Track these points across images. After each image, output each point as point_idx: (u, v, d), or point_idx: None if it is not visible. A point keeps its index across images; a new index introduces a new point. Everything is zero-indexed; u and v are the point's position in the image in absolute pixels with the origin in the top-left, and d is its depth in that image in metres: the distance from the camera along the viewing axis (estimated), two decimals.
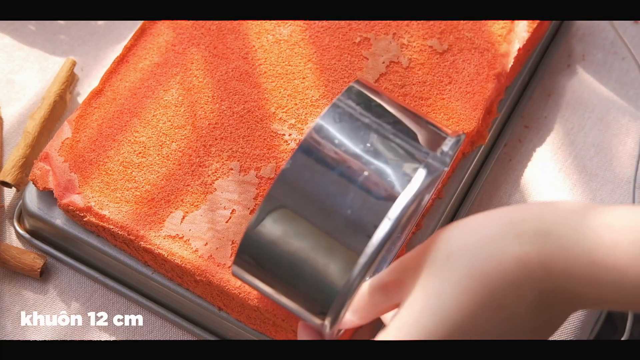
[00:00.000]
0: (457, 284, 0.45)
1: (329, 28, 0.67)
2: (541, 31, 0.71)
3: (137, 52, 0.68)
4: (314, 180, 0.48)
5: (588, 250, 0.43)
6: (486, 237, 0.45)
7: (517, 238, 0.44)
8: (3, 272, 0.66)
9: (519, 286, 0.44)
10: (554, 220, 0.44)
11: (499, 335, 0.45)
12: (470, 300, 0.44)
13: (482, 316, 0.45)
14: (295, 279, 0.49)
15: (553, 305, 0.45)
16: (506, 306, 0.44)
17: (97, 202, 0.62)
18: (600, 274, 0.43)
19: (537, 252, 0.44)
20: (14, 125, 0.71)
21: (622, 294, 0.43)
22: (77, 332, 0.65)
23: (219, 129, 0.64)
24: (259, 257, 0.50)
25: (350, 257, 0.47)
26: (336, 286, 0.48)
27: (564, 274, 0.44)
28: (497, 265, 0.44)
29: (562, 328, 0.65)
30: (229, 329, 0.62)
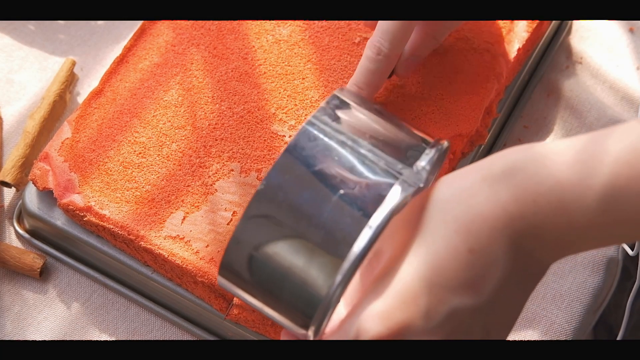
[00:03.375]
0: (432, 234, 0.46)
1: (328, 28, 0.67)
2: (541, 31, 0.71)
3: (137, 52, 0.68)
4: (287, 201, 0.48)
5: (552, 174, 0.44)
6: (459, 189, 0.46)
7: (485, 181, 0.45)
8: (3, 272, 0.66)
9: (492, 226, 0.45)
10: (517, 157, 0.45)
11: (482, 286, 0.45)
12: (445, 245, 0.45)
13: (457, 261, 0.45)
14: (278, 291, 0.49)
15: (527, 248, 0.45)
16: (480, 249, 0.45)
17: (97, 202, 0.62)
18: (564, 195, 0.44)
19: (506, 189, 0.45)
20: (14, 125, 0.71)
21: (588, 213, 0.43)
22: (77, 332, 0.65)
23: (219, 130, 0.64)
24: (242, 270, 0.50)
25: (329, 272, 0.47)
26: (317, 298, 0.48)
27: (532, 203, 0.44)
28: (469, 209, 0.45)
29: (562, 328, 0.65)
30: (229, 329, 0.62)
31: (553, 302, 0.66)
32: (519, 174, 0.45)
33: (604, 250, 0.68)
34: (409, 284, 0.45)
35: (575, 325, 0.66)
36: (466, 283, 0.45)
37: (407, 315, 0.45)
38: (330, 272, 0.47)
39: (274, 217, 0.48)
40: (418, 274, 0.45)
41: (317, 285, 0.48)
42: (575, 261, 0.67)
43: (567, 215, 0.44)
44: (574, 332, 0.66)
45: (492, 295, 0.45)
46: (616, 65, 0.75)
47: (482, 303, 0.45)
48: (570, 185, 0.44)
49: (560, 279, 0.67)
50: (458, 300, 0.45)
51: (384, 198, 0.47)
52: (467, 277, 0.45)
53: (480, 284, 0.45)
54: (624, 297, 0.72)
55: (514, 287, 0.46)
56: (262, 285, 0.49)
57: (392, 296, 0.46)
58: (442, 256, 0.45)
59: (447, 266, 0.45)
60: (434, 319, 0.45)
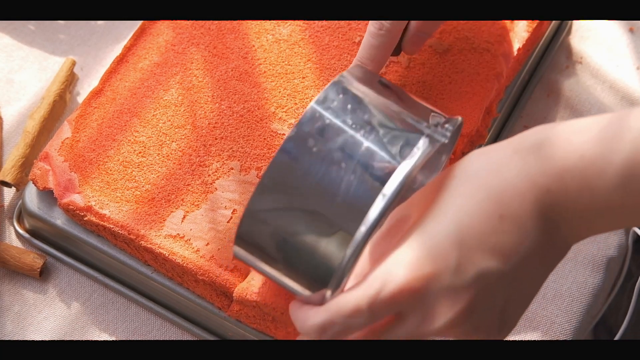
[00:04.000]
0: (465, 196, 0.47)
1: (328, 28, 0.68)
2: (541, 31, 0.71)
3: (137, 52, 0.68)
4: (312, 155, 0.49)
5: (576, 149, 0.46)
6: (490, 159, 0.48)
7: (518, 153, 0.47)
8: (3, 272, 0.66)
9: (522, 197, 0.46)
10: (547, 132, 0.47)
11: (511, 253, 0.47)
12: (477, 208, 0.47)
13: (488, 225, 0.46)
14: (294, 257, 0.50)
15: (554, 223, 0.47)
16: (510, 216, 0.46)
17: (98, 202, 0.62)
18: (586, 169, 0.45)
19: (535, 162, 0.47)
20: (14, 125, 0.71)
21: (609, 191, 0.45)
22: (77, 332, 0.65)
23: (219, 129, 0.64)
24: (258, 238, 0.50)
25: (350, 227, 0.48)
26: (335, 261, 0.48)
27: (559, 177, 0.46)
28: (502, 178, 0.47)
29: (562, 328, 0.65)
30: (229, 329, 0.63)
31: (553, 302, 0.66)
32: (547, 148, 0.47)
33: (604, 250, 0.68)
34: (439, 240, 0.47)
35: (575, 325, 0.66)
36: (496, 247, 0.46)
37: (436, 267, 0.46)
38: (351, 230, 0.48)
39: (289, 185, 0.49)
40: (448, 232, 0.47)
41: (336, 247, 0.48)
42: (576, 261, 0.67)
43: (590, 190, 0.45)
44: (574, 332, 0.66)
45: (519, 265, 0.47)
46: (616, 65, 0.75)
47: (508, 270, 0.47)
48: (592, 160, 0.45)
49: (560, 279, 0.67)
50: (487, 263, 0.46)
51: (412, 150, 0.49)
52: (498, 241, 0.46)
53: (509, 251, 0.46)
54: (624, 297, 0.72)
55: (539, 260, 0.47)
56: (280, 250, 0.50)
57: (421, 249, 0.47)
58: (473, 218, 0.47)
59: (478, 228, 0.46)
60: (462, 277, 0.46)
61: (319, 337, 0.50)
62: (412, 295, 0.47)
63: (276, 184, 0.49)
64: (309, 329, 0.50)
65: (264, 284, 0.59)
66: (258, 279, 0.59)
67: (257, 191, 0.49)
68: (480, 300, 0.47)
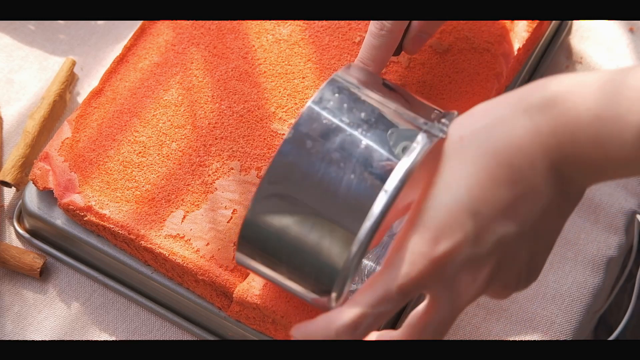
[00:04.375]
0: (473, 163, 0.46)
1: (328, 28, 0.68)
2: (541, 31, 0.71)
3: (137, 52, 0.68)
4: (311, 155, 0.49)
5: (590, 108, 0.45)
6: (497, 118, 0.47)
7: (525, 112, 0.46)
8: (3, 271, 0.66)
9: (532, 158, 0.46)
10: (558, 88, 0.46)
11: (526, 215, 0.47)
12: (488, 176, 0.46)
13: (501, 192, 0.46)
14: (298, 260, 0.50)
15: (566, 174, 0.46)
16: (522, 180, 0.46)
17: (98, 202, 0.62)
18: (602, 129, 0.44)
19: (545, 122, 0.46)
20: (14, 125, 0.71)
21: (625, 148, 0.44)
22: (77, 332, 0.65)
23: (219, 129, 0.64)
24: (260, 243, 0.50)
25: (353, 226, 0.48)
26: (339, 261, 0.48)
27: (571, 135, 0.45)
28: (510, 141, 0.46)
29: (562, 328, 0.65)
30: (229, 329, 0.62)
31: (553, 302, 0.66)
32: (557, 106, 0.46)
33: (604, 250, 0.68)
34: (454, 213, 0.46)
35: (575, 325, 0.66)
36: (511, 212, 0.46)
37: (456, 240, 0.46)
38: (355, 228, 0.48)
39: (289, 187, 0.49)
40: (462, 203, 0.46)
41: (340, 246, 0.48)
42: (576, 261, 0.67)
43: (604, 148, 0.45)
44: (574, 332, 0.66)
45: (536, 222, 0.47)
46: (616, 65, 0.75)
47: (527, 231, 0.47)
48: (608, 120, 0.44)
49: (560, 279, 0.67)
50: (504, 229, 0.46)
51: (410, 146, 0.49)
52: (512, 206, 0.46)
53: (525, 214, 0.46)
54: (624, 297, 0.72)
55: (555, 213, 0.48)
56: (283, 254, 0.50)
57: (438, 224, 0.46)
58: (485, 187, 0.46)
59: (491, 197, 0.46)
60: (482, 246, 0.46)
61: (352, 336, 0.48)
62: (436, 271, 0.46)
63: (276, 187, 0.49)
64: (340, 330, 0.48)
65: (264, 286, 0.59)
66: (259, 280, 0.59)
67: (256, 196, 0.49)
68: (503, 263, 0.47)
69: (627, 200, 0.70)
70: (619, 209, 0.69)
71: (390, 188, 0.48)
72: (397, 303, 0.47)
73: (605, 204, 0.70)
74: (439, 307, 0.48)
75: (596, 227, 0.69)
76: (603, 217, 0.69)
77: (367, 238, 0.48)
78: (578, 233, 0.68)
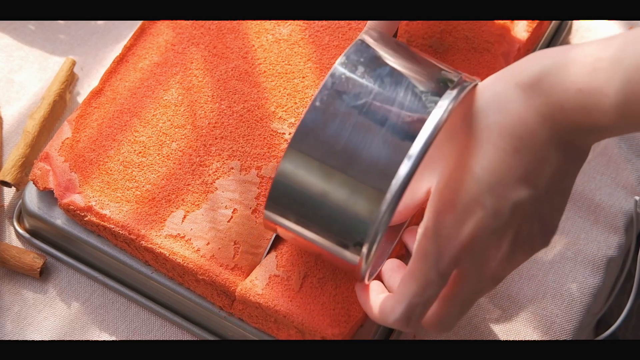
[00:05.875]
0: (479, 140, 0.50)
1: (328, 27, 0.68)
2: (541, 31, 0.71)
3: (137, 52, 0.68)
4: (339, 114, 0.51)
5: (574, 81, 0.48)
6: (494, 94, 0.50)
7: (518, 87, 0.50)
8: (3, 271, 0.66)
9: (531, 128, 0.49)
10: (545, 63, 0.49)
11: (537, 179, 0.49)
12: (494, 149, 0.49)
13: (509, 162, 0.49)
14: (328, 216, 0.52)
15: (567, 139, 0.49)
16: (525, 148, 0.49)
17: (98, 202, 0.62)
18: (585, 100, 0.48)
19: (537, 95, 0.49)
20: (14, 125, 0.71)
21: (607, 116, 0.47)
22: (77, 332, 0.65)
23: (219, 128, 0.64)
24: (289, 200, 0.52)
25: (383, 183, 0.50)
26: (370, 216, 0.50)
27: (560, 107, 0.49)
28: (508, 114, 0.49)
29: (562, 328, 0.65)
30: (229, 329, 0.63)
31: (553, 302, 0.66)
32: (546, 80, 0.49)
33: (604, 250, 0.68)
34: (471, 191, 0.50)
35: (575, 325, 0.66)
36: (521, 178, 0.49)
37: (477, 218, 0.50)
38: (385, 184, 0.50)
39: (318, 146, 0.51)
40: (476, 180, 0.49)
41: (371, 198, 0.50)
42: (576, 261, 0.67)
43: (590, 117, 0.48)
44: (574, 332, 0.66)
45: (547, 184, 0.50)
46: None
47: (540, 192, 0.50)
48: (590, 92, 0.48)
49: (560, 279, 0.67)
50: (518, 195, 0.49)
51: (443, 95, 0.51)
52: (522, 173, 0.49)
53: (535, 177, 0.49)
54: (624, 297, 0.72)
55: (564, 173, 0.51)
56: (313, 210, 0.52)
57: (458, 206, 0.50)
58: (492, 159, 0.49)
59: (499, 167, 0.49)
60: (502, 215, 0.49)
61: (408, 328, 0.52)
62: (466, 250, 0.50)
63: (305, 147, 0.51)
64: (396, 324, 0.52)
65: (267, 285, 0.59)
66: (262, 279, 0.59)
67: (286, 154, 0.51)
68: (522, 227, 0.50)
69: (627, 200, 0.70)
70: (619, 209, 0.69)
71: (420, 144, 0.50)
72: (439, 286, 0.51)
73: (605, 204, 0.70)
74: (469, 280, 0.51)
75: (596, 227, 0.69)
76: (603, 217, 0.69)
77: (396, 196, 0.50)
78: (578, 233, 0.68)
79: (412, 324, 0.52)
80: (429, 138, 0.50)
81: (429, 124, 0.50)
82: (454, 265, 0.50)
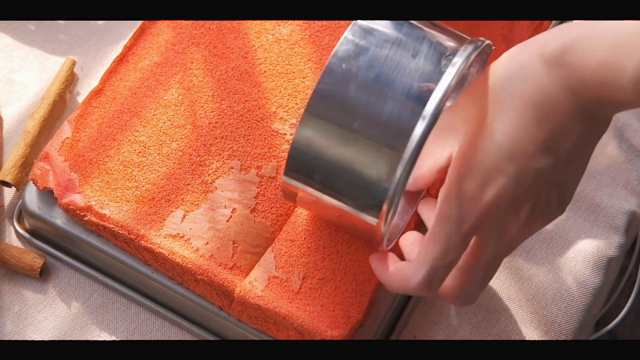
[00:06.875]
0: (503, 108, 0.51)
1: (328, 27, 0.68)
2: (541, 31, 0.71)
3: (137, 52, 0.68)
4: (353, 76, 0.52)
5: (596, 55, 0.49)
6: (519, 64, 0.51)
7: (542, 58, 0.51)
8: (3, 271, 0.66)
9: (554, 98, 0.50)
10: (569, 36, 0.51)
11: (558, 148, 0.51)
12: (517, 118, 0.50)
13: (531, 130, 0.50)
14: (346, 178, 0.53)
15: (589, 110, 0.50)
16: (547, 117, 0.50)
17: (98, 202, 0.62)
18: (605, 75, 0.49)
19: (560, 68, 0.50)
20: (14, 125, 0.71)
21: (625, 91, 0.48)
22: (77, 332, 0.65)
23: (219, 128, 0.64)
24: (308, 164, 0.53)
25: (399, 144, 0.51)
26: (389, 176, 0.51)
27: (582, 80, 0.50)
28: (532, 85, 0.51)
29: (562, 328, 0.65)
30: (229, 329, 0.63)
31: (553, 302, 0.66)
32: (569, 53, 0.50)
33: (604, 250, 0.68)
34: (494, 159, 0.51)
35: (575, 325, 0.66)
36: (543, 148, 0.50)
37: (500, 185, 0.50)
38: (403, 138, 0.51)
39: (333, 110, 0.52)
40: (499, 147, 0.50)
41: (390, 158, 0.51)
42: (576, 261, 0.67)
43: (611, 93, 0.49)
44: (574, 332, 0.66)
45: (568, 153, 0.51)
46: None
47: (561, 161, 0.51)
48: (610, 67, 0.49)
49: (560, 279, 0.67)
50: (540, 164, 0.51)
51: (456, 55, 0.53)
52: (543, 141, 0.50)
53: (556, 147, 0.51)
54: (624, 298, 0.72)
55: (584, 143, 0.52)
56: (331, 173, 0.53)
57: (481, 172, 0.51)
58: (515, 127, 0.50)
59: (522, 135, 0.50)
60: (523, 183, 0.50)
61: (429, 293, 0.52)
62: (487, 215, 0.51)
63: (320, 111, 0.52)
64: (417, 289, 0.52)
65: (266, 286, 0.59)
66: (261, 280, 0.59)
67: (303, 118, 0.52)
68: (541, 195, 0.52)
69: (627, 200, 0.70)
70: (619, 209, 0.69)
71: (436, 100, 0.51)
72: (461, 249, 0.51)
73: (605, 204, 0.70)
74: (488, 245, 0.52)
75: (596, 227, 0.69)
76: (603, 217, 0.69)
77: (413, 157, 0.51)
78: (578, 233, 0.68)
79: (434, 288, 0.52)
80: (442, 96, 0.51)
81: (443, 83, 0.51)
82: (475, 230, 0.51)
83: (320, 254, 0.60)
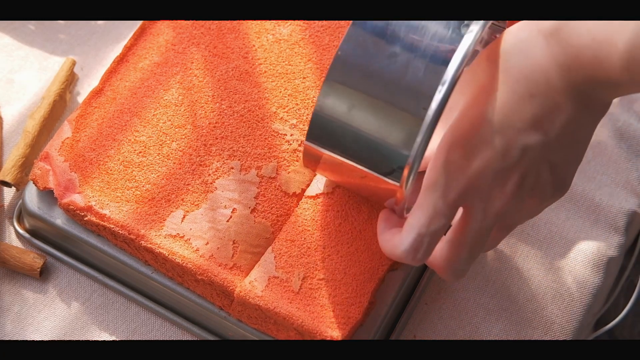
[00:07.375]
0: (496, 81, 0.51)
1: (329, 28, 0.68)
2: None
3: (137, 52, 0.68)
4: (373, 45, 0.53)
5: (589, 29, 0.49)
6: (518, 40, 0.52)
7: (540, 34, 0.51)
8: (3, 271, 0.66)
9: (547, 75, 0.50)
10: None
11: (548, 125, 0.50)
12: (509, 92, 0.50)
13: (522, 105, 0.50)
14: (367, 144, 0.53)
15: (584, 91, 0.50)
16: (540, 93, 0.50)
17: (98, 202, 0.62)
18: (598, 51, 0.48)
19: (556, 43, 0.50)
20: (14, 125, 0.71)
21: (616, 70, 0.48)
22: (77, 332, 0.65)
23: (219, 128, 0.64)
24: (330, 130, 0.54)
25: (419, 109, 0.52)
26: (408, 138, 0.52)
27: (576, 57, 0.49)
28: (527, 60, 0.51)
29: (562, 328, 0.65)
30: (229, 329, 0.63)
31: (553, 302, 0.66)
32: (565, 28, 0.50)
33: (604, 250, 0.68)
34: (482, 129, 0.51)
35: (575, 325, 0.66)
36: (533, 123, 0.50)
37: (486, 156, 0.51)
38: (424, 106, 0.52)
39: (354, 77, 0.53)
40: (488, 119, 0.51)
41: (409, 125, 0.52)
42: (576, 261, 0.67)
43: (603, 70, 0.49)
44: (574, 332, 0.66)
45: (559, 132, 0.51)
46: None
47: (551, 140, 0.51)
48: (602, 42, 0.48)
49: (560, 279, 0.67)
50: (528, 139, 0.50)
51: None
52: (533, 117, 0.50)
53: (547, 124, 0.50)
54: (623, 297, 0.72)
55: (579, 124, 0.51)
56: (354, 136, 0.54)
57: (468, 141, 0.51)
58: (506, 101, 0.50)
59: (513, 109, 0.50)
60: (509, 157, 0.51)
61: (416, 260, 0.53)
62: (473, 184, 0.51)
63: (340, 79, 0.53)
64: (403, 256, 0.53)
65: (266, 286, 0.59)
66: (261, 280, 0.59)
67: (324, 85, 0.53)
68: (530, 172, 0.51)
69: (627, 200, 0.70)
70: (619, 209, 0.69)
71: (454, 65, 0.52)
72: (448, 218, 0.52)
73: (605, 204, 0.70)
74: (473, 217, 0.52)
75: (596, 227, 0.69)
76: (603, 217, 0.69)
77: (433, 121, 0.51)
78: (578, 233, 0.68)
79: (419, 257, 0.52)
80: (461, 61, 0.52)
81: (462, 48, 0.52)
82: (461, 200, 0.51)
83: (320, 254, 0.60)
